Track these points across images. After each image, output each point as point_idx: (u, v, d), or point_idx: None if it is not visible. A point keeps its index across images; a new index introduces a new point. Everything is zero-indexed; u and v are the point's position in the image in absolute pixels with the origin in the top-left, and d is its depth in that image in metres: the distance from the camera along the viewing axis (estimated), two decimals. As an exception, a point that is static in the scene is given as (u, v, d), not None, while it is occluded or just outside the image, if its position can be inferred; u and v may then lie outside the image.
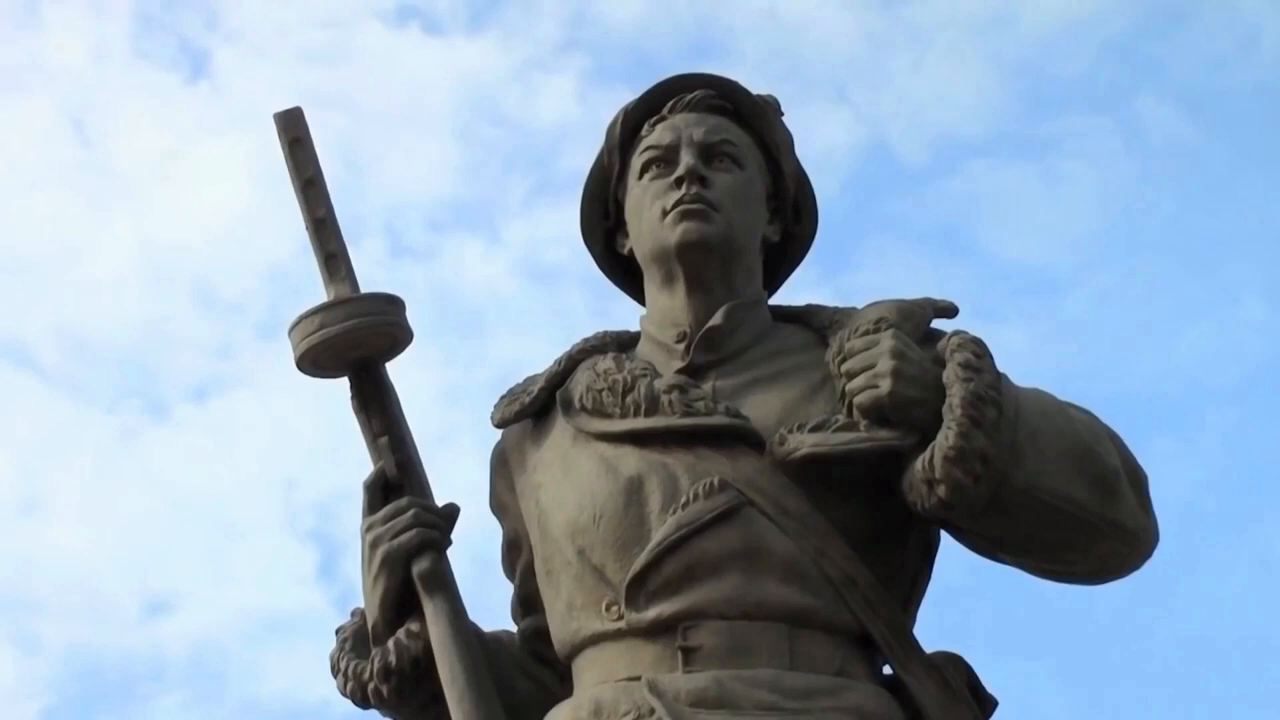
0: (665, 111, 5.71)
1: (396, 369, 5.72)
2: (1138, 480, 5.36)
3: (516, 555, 5.73)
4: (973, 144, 15.10)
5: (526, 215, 14.55)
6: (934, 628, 5.52)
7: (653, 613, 5.21)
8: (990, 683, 5.46)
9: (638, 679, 5.15)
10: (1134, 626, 12.44)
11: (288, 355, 5.64)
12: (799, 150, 5.86)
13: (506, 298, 14.20)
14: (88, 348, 15.33)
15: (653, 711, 5.07)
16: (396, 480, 5.60)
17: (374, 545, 5.53)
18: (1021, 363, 5.28)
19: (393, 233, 14.39)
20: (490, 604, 5.81)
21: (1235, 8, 15.31)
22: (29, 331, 15.35)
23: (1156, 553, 5.52)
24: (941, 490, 5.09)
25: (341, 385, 5.71)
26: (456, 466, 5.66)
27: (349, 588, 5.62)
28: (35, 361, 15.32)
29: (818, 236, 6.01)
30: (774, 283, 5.84)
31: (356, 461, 5.75)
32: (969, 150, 15.12)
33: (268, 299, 4.91)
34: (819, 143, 5.36)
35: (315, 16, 15.06)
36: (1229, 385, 14.65)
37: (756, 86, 5.90)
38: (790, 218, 5.81)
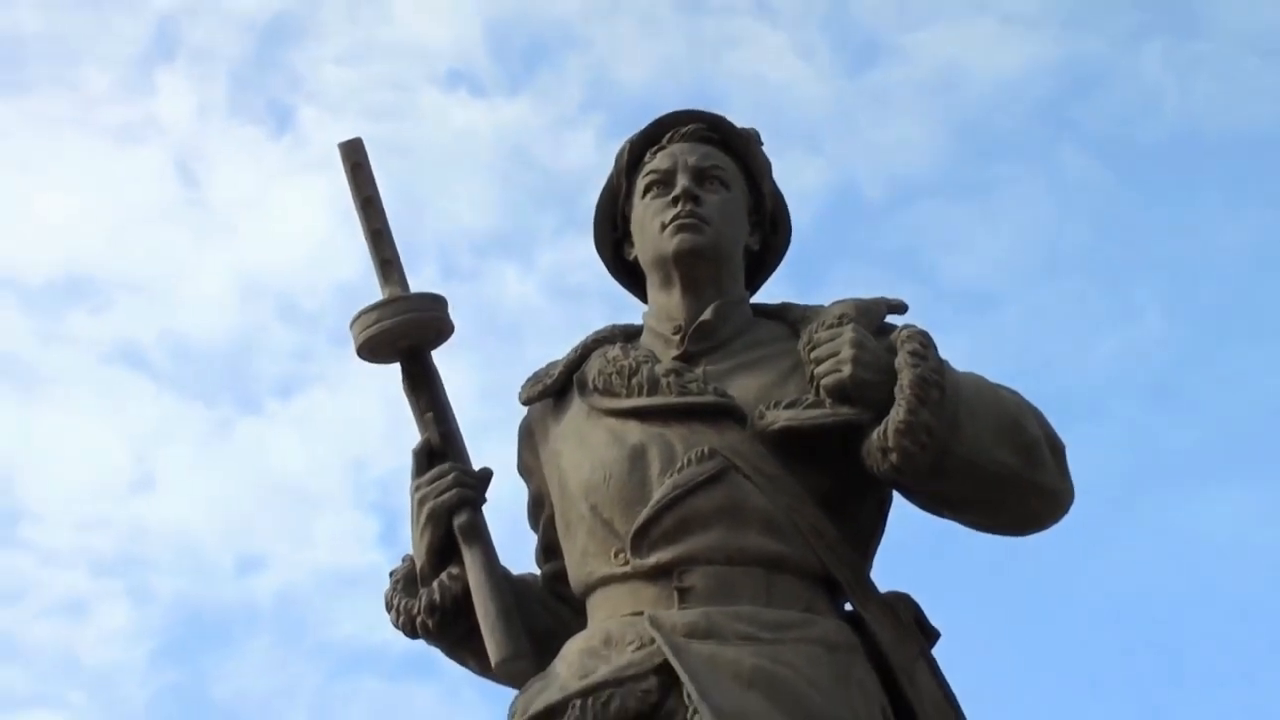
0: (664, 141, 5.96)
1: (446, 365, 5.90)
2: (1057, 449, 5.59)
3: (540, 511, 5.94)
4: (924, 185, 15.67)
5: (555, 244, 15.05)
6: (887, 571, 5.78)
7: (653, 559, 5.48)
8: (933, 617, 5.71)
9: (640, 614, 5.42)
10: (1050, 573, 12.98)
11: (357, 357, 5.92)
12: (779, 181, 6.08)
13: (538, 312, 14.70)
14: (191, 352, 16.00)
15: (653, 641, 5.32)
16: (440, 448, 5.81)
17: (421, 503, 5.75)
18: (963, 366, 5.59)
19: (444, 258, 14.80)
20: (519, 553, 6.03)
21: (1140, 74, 15.82)
22: (143, 339, 15.96)
23: (1072, 514, 5.71)
24: (894, 457, 5.36)
25: (394, 373, 5.91)
26: (496, 448, 5.93)
27: (406, 549, 6.08)
28: (148, 364, 15.97)
29: (795, 255, 6.18)
30: (754, 284, 6.06)
31: (412, 446, 5.95)
32: (921, 190, 15.75)
33: (339, 311, 5.31)
34: (796, 183, 5.76)
35: (381, 80, 15.65)
36: (1135, 386, 15.25)
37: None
38: (768, 230, 6.05)
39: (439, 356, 5.89)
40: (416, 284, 5.87)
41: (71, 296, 16.58)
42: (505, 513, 5.96)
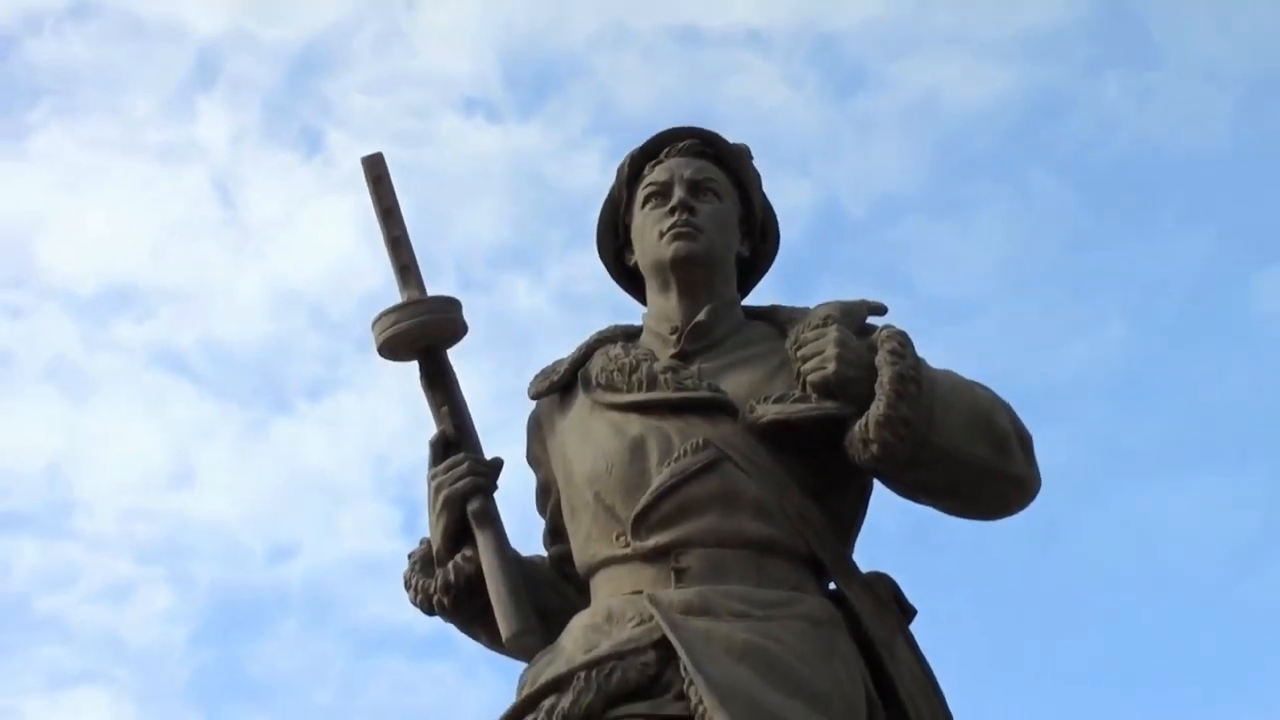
0: (662, 156, 6.04)
1: (463, 368, 6.00)
2: (1025, 441, 5.66)
3: (547, 497, 6.00)
4: (904, 203, 16.06)
5: (563, 258, 15.38)
6: (868, 554, 5.85)
7: (652, 542, 5.56)
8: (910, 596, 5.76)
9: (640, 593, 5.51)
10: (1020, 557, 13.42)
11: (382, 361, 5.97)
12: (770, 196, 6.18)
13: (547, 320, 14.99)
14: (227, 357, 16.37)
15: (652, 617, 5.40)
16: (455, 439, 5.88)
17: (437, 490, 5.83)
18: (940, 367, 5.63)
19: (461, 270, 15.01)
20: (528, 537, 6.09)
21: (1101, 102, 16.18)
22: (183, 345, 16.33)
23: (1039, 502, 5.77)
24: (874, 448, 5.45)
25: (413, 371, 5.96)
26: (508, 444, 6.10)
27: (425, 536, 6.18)
28: (188, 368, 16.37)
29: (785, 269, 6.27)
30: (745, 288, 6.14)
31: (429, 438, 5.97)
32: (901, 208, 16.13)
33: (364, 320, 5.31)
34: (786, 202, 5.80)
35: (404, 107, 15.98)
36: (1098, 387, 15.59)
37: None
38: (758, 238, 6.13)
39: (455, 356, 5.97)
40: (435, 292, 5.99)
41: (117, 306, 17.13)
42: (515, 500, 6.03)
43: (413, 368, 5.95)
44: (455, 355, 5.97)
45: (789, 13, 16.48)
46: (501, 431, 6.11)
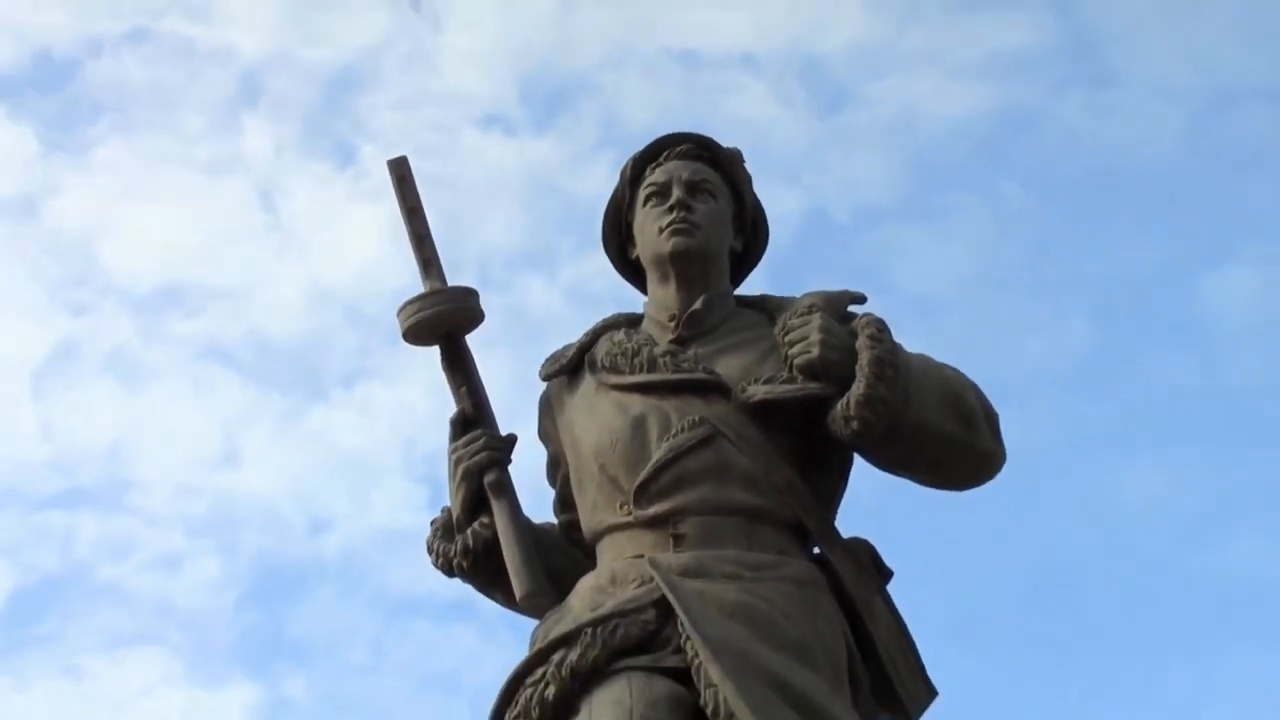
0: (661, 159, 6.14)
1: (482, 359, 6.08)
2: (991, 418, 5.78)
3: (556, 469, 6.10)
4: (884, 210, 16.54)
5: (574, 260, 15.85)
6: (849, 521, 5.95)
7: (652, 510, 5.66)
8: (887, 560, 5.82)
9: (641, 556, 5.61)
10: (987, 529, 13.82)
11: (409, 351, 6.04)
12: (760, 198, 6.24)
13: (559, 316, 15.40)
14: (270, 349, 16.89)
15: (652, 579, 5.51)
16: (473, 417, 5.95)
17: (456, 463, 5.91)
18: None
19: (481, 271, 15.42)
20: (539, 506, 6.18)
21: (1063, 118, 16.67)
22: (230, 338, 16.84)
23: (1007, 477, 5.88)
24: (855, 424, 5.57)
25: (435, 356, 6.01)
26: (523, 426, 6.21)
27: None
28: (234, 359, 16.85)
29: (774, 270, 6.40)
30: (738, 279, 6.22)
31: (449, 416, 5.99)
32: (882, 214, 16.58)
33: (393, 315, 5.40)
34: (775, 209, 5.92)
35: (429, 123, 16.60)
36: (1060, 375, 16.11)
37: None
38: (749, 234, 6.23)
39: (475, 345, 6.06)
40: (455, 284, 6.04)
41: (170, 303, 17.55)
42: (528, 473, 6.14)
43: (435, 354, 6.02)
44: (475, 345, 6.07)
45: (779, 37, 16.98)
46: (518, 415, 6.22)
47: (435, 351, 6.04)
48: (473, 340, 6.05)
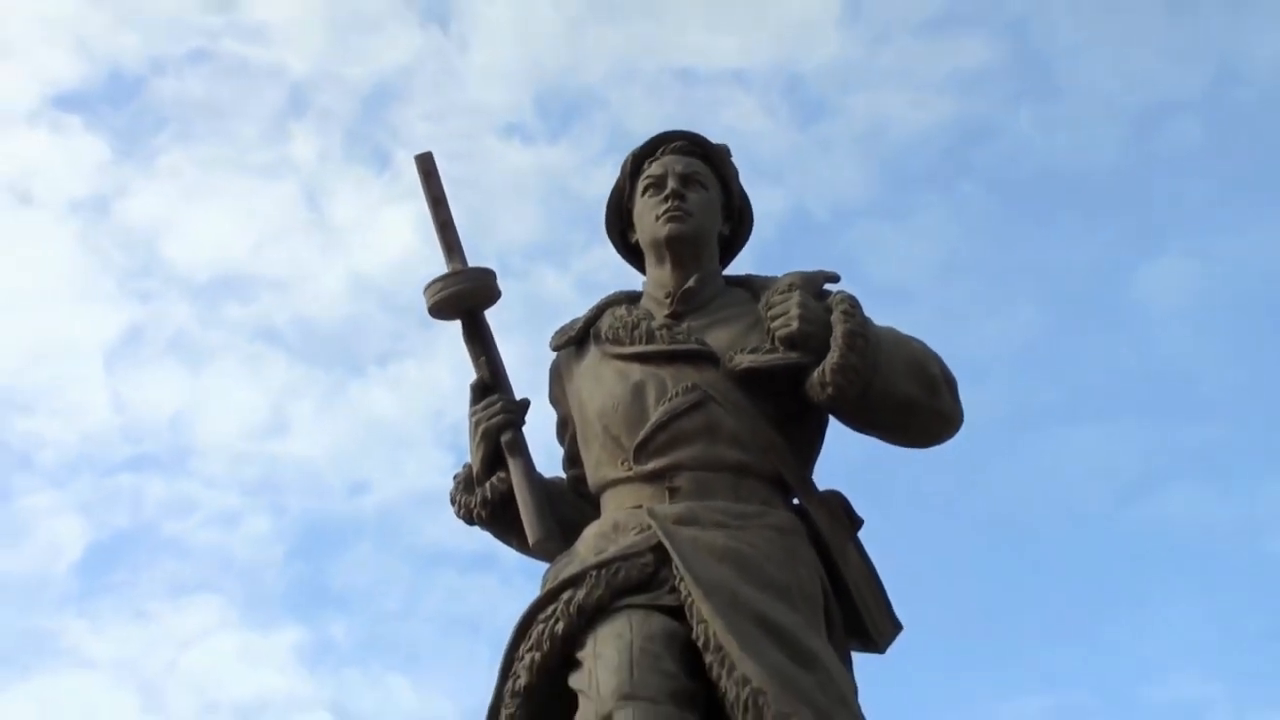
0: (658, 154, 6.29)
1: (502, 340, 6.16)
2: (951, 384, 5.92)
3: (565, 430, 6.25)
4: (858, 209, 17.17)
5: (584, 253, 16.40)
6: (825, 475, 6.12)
7: (650, 466, 5.80)
8: (858, 509, 6.00)
9: (640, 507, 5.76)
10: (948, 486, 14.64)
11: (439, 335, 6.70)
12: (747, 192, 6.40)
13: (570, 303, 15.99)
14: (314, 332, 17.58)
15: (650, 527, 5.65)
16: (491, 384, 6.06)
17: (476, 424, 6.04)
18: None
19: (501, 263, 14.95)
20: (550, 462, 6.33)
21: (1017, 128, 17.31)
22: (279, 322, 17.57)
23: (965, 443, 6.06)
24: (830, 390, 5.72)
25: (457, 331, 6.11)
26: (537, 396, 6.31)
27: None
28: (283, 340, 17.58)
29: (760, 263, 6.45)
30: (726, 260, 6.37)
31: (470, 382, 6.09)
32: (856, 213, 17.22)
33: (423, 301, 5.57)
34: (762, 206, 6.07)
35: (456, 132, 17.11)
36: (1013, 355, 16.75)
37: (723, 168, 6.40)
38: (736, 220, 6.38)
39: (495, 323, 6.19)
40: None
41: (226, 291, 18.19)
42: (540, 434, 6.34)
43: (457, 329, 6.13)
44: (496, 326, 6.19)
45: (766, 57, 17.59)
46: (531, 387, 6.39)
47: (458, 326, 6.15)
48: (494, 322, 6.18)
